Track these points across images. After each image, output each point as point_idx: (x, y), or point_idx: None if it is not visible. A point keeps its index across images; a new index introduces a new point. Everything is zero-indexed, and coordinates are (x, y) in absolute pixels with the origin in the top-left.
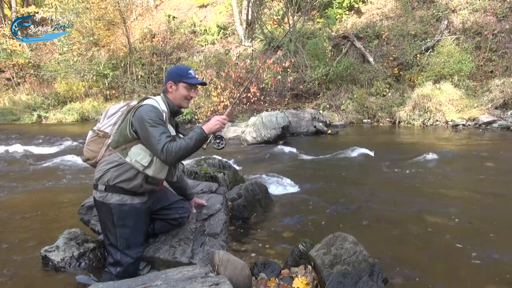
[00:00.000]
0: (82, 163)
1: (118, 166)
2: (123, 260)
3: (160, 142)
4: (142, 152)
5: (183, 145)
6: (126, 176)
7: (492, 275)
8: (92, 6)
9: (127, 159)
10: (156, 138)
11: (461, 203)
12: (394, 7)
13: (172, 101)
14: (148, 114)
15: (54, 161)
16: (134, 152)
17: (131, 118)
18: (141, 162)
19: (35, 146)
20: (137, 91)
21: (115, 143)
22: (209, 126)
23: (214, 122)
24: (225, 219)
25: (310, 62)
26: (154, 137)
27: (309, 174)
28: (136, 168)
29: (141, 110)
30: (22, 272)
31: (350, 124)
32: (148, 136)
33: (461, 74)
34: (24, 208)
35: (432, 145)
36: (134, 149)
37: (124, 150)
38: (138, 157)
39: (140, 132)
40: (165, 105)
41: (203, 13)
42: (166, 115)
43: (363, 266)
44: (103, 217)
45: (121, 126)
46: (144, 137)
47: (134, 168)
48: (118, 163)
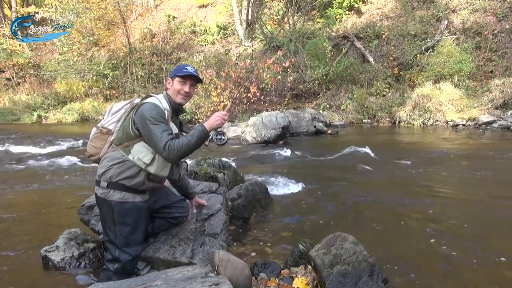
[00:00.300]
0: (82, 163)
1: (121, 163)
2: (121, 257)
3: (162, 139)
4: (144, 149)
5: (185, 143)
6: (129, 173)
7: (492, 276)
8: (92, 6)
9: (129, 156)
10: (158, 136)
11: (461, 204)
12: (394, 7)
13: (172, 98)
14: (149, 112)
15: (54, 161)
16: (136, 150)
17: (133, 116)
18: (143, 159)
19: (35, 146)
20: (137, 91)
21: (118, 140)
22: (210, 123)
23: (215, 119)
24: (225, 219)
25: (310, 62)
26: (155, 134)
27: (309, 174)
28: (139, 165)
29: (142, 108)
30: (22, 272)
31: (350, 124)
32: (150, 134)
33: (461, 74)
34: (24, 208)
35: (432, 145)
36: (137, 147)
37: (126, 147)
38: (140, 154)
39: (142, 130)
40: (167, 103)
41: (203, 13)
42: (168, 113)
43: (363, 266)
44: (104, 213)
45: (124, 123)
46: (146, 135)
47: (136, 165)
48: (121, 160)
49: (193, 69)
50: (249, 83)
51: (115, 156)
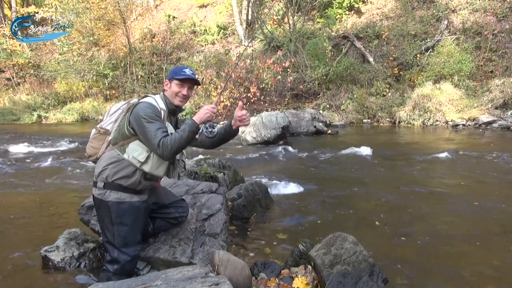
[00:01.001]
0: (82, 163)
1: (116, 162)
2: (120, 258)
3: (156, 137)
4: (139, 148)
5: (177, 138)
6: (124, 173)
7: (492, 276)
8: (92, 6)
9: (125, 155)
10: (152, 134)
11: (461, 204)
12: (394, 7)
13: (169, 99)
14: (144, 110)
15: (54, 161)
16: (131, 148)
17: (129, 115)
18: (138, 158)
19: (35, 146)
20: (137, 91)
21: (114, 140)
22: (200, 116)
23: (204, 111)
24: (225, 219)
25: (310, 62)
26: (150, 132)
27: (309, 174)
28: (134, 164)
29: (138, 107)
30: (22, 272)
31: (350, 124)
32: (145, 132)
33: (461, 74)
34: (24, 208)
35: (432, 145)
36: (132, 145)
37: (122, 146)
38: (135, 153)
39: (137, 129)
40: (163, 103)
41: (203, 13)
42: (164, 113)
43: (363, 266)
44: (101, 214)
45: (120, 123)
46: (141, 133)
47: (132, 164)
48: (116, 160)
49: (191, 72)
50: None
51: (111, 156)
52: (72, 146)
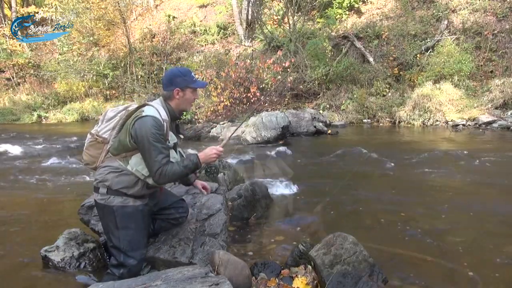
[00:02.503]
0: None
1: (119, 172)
2: (126, 262)
3: (156, 163)
4: (142, 162)
5: (177, 172)
6: (127, 183)
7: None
8: (92, 6)
9: (128, 167)
10: (153, 159)
11: (461, 203)
12: (394, 7)
13: (175, 107)
14: (149, 129)
15: (54, 161)
16: (135, 162)
17: (130, 129)
18: (142, 171)
19: (35, 146)
20: (137, 91)
21: (114, 150)
22: (206, 158)
23: (212, 154)
24: (225, 219)
25: (310, 62)
26: (151, 157)
27: (309, 174)
28: (137, 176)
29: (142, 125)
30: (22, 272)
31: (350, 124)
32: (145, 154)
33: (461, 74)
34: (24, 208)
35: (432, 145)
36: (135, 158)
37: (124, 158)
38: (139, 166)
39: (139, 147)
40: (165, 112)
41: (203, 13)
42: (167, 123)
43: (363, 266)
44: (105, 219)
45: (120, 134)
46: (142, 153)
47: (134, 175)
48: (119, 170)
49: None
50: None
51: (113, 166)
52: (72, 146)
